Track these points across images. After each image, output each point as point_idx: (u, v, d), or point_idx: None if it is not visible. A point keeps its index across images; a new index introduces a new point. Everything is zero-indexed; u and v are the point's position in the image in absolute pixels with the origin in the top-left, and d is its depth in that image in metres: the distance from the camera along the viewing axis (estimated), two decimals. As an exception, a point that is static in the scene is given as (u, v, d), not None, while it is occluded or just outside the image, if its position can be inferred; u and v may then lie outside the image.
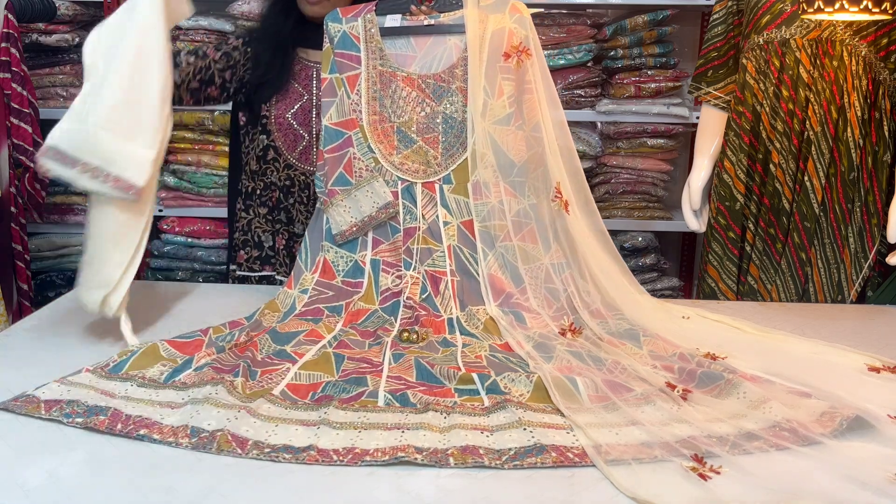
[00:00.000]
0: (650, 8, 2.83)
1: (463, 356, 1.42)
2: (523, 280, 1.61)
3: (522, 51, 1.65)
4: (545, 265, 1.63)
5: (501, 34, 1.66)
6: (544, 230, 1.64)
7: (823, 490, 1.02)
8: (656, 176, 2.98)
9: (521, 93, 1.66)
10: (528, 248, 1.63)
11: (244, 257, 1.96)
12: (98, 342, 1.47)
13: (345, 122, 1.68)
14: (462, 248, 1.64)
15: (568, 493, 1.02)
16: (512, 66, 1.65)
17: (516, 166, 1.65)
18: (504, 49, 1.65)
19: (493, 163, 1.64)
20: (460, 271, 1.64)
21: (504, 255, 1.62)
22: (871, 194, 1.87)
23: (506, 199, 1.64)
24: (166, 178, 2.95)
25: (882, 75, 1.83)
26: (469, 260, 1.64)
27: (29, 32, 2.76)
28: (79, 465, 1.05)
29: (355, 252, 1.67)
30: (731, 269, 2.00)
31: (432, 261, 1.64)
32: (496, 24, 1.66)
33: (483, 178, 1.63)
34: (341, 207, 1.66)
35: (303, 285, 1.65)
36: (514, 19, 1.66)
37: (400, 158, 1.68)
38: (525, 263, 1.62)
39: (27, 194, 2.65)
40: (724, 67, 2.04)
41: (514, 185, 1.65)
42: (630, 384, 1.29)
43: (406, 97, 1.68)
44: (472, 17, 1.66)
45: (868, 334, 1.60)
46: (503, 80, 1.65)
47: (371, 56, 1.69)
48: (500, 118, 1.64)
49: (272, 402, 1.22)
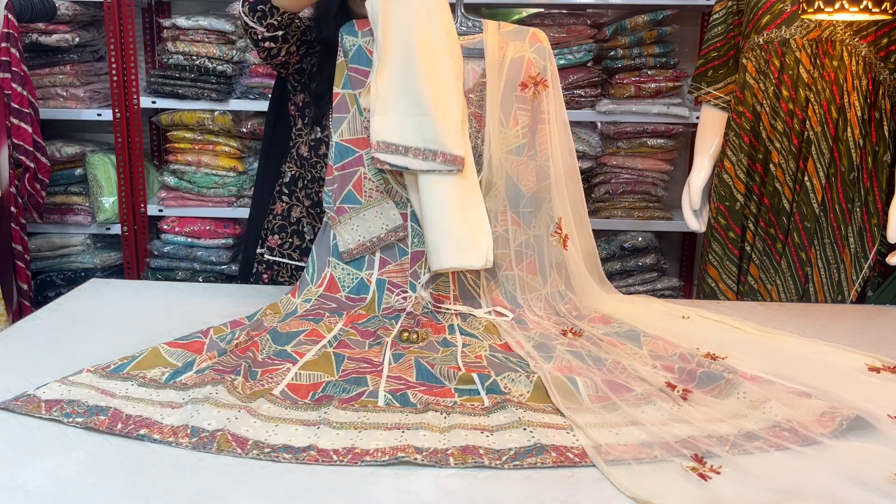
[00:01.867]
0: (650, 8, 2.83)
1: (463, 356, 1.42)
2: (522, 307, 1.64)
3: (540, 82, 1.66)
4: (544, 294, 1.65)
5: (520, 63, 1.65)
6: (544, 262, 1.67)
7: (823, 490, 1.02)
8: (656, 176, 2.98)
9: (535, 122, 1.67)
10: (528, 278, 1.65)
11: (277, 242, 1.93)
12: (98, 342, 1.47)
13: (356, 140, 1.67)
14: (466, 275, 1.65)
15: (568, 493, 1.02)
16: (528, 97, 1.65)
17: (525, 197, 1.66)
18: (521, 79, 1.65)
19: (503, 192, 1.65)
20: (463, 296, 1.65)
21: (504, 284, 1.64)
22: (871, 194, 1.87)
23: (511, 229, 1.65)
24: (166, 177, 2.95)
25: (882, 75, 1.83)
26: (472, 286, 1.66)
27: (29, 32, 2.76)
28: (79, 465, 1.05)
29: (362, 270, 1.67)
30: (731, 269, 2.00)
31: (436, 286, 1.64)
32: (515, 52, 1.65)
33: (491, 206, 1.64)
34: (350, 226, 1.66)
35: (306, 296, 1.66)
36: (533, 49, 1.66)
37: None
38: (524, 293, 1.64)
39: (27, 194, 2.65)
40: (724, 67, 2.04)
41: (520, 216, 1.66)
42: (630, 384, 1.30)
43: None
44: (492, 42, 1.64)
45: (868, 334, 1.60)
46: (519, 109, 1.65)
47: None
48: (513, 148, 1.65)
49: (272, 401, 1.22)
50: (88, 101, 2.90)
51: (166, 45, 2.84)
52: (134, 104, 2.88)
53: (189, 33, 2.81)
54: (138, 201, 2.96)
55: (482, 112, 1.65)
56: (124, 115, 2.88)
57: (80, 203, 2.97)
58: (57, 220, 2.98)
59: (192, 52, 2.80)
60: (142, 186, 2.96)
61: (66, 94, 2.89)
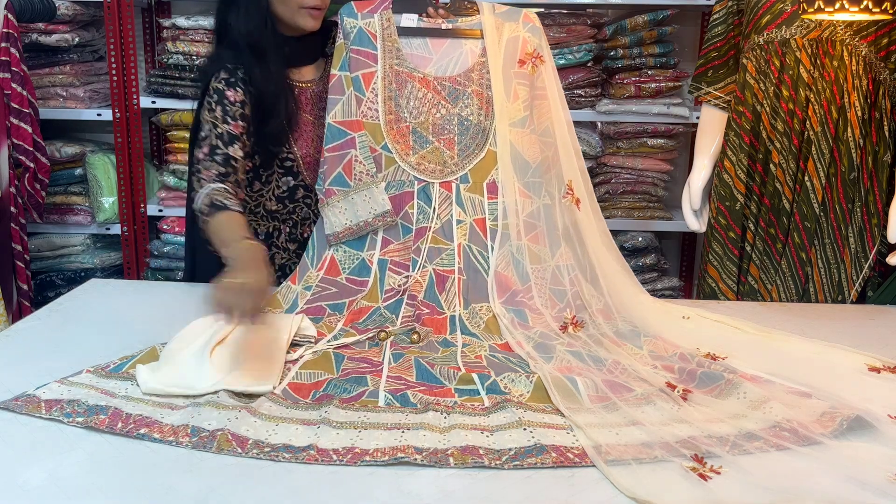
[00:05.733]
0: (650, 8, 2.82)
1: (463, 356, 1.42)
2: (529, 278, 1.62)
3: (537, 57, 1.72)
4: (551, 266, 1.65)
5: (516, 42, 1.72)
6: (554, 232, 1.67)
7: (824, 490, 1.02)
8: (656, 176, 2.97)
9: (532, 98, 1.71)
10: (537, 248, 1.66)
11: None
12: (98, 342, 1.47)
13: (349, 122, 1.68)
14: (472, 245, 1.66)
15: (568, 493, 1.02)
16: (527, 72, 1.71)
17: (531, 167, 1.69)
18: (519, 56, 1.71)
19: (510, 163, 1.67)
20: (468, 269, 1.64)
21: (513, 254, 1.64)
22: (871, 194, 1.87)
23: (519, 200, 1.66)
24: (166, 178, 2.95)
25: (882, 75, 1.83)
26: (478, 257, 1.65)
27: (29, 32, 2.76)
28: (79, 465, 1.05)
29: (363, 251, 1.67)
30: (731, 269, 2.00)
31: (440, 259, 1.64)
32: (510, 31, 1.72)
33: (500, 177, 1.67)
34: (337, 209, 1.66)
35: (307, 282, 1.65)
36: (527, 28, 1.73)
37: (416, 159, 1.69)
38: (533, 263, 1.64)
39: (27, 194, 2.64)
40: (725, 67, 2.04)
41: (528, 186, 1.68)
42: (630, 384, 1.30)
43: (422, 98, 1.70)
44: (490, 23, 1.71)
45: (868, 334, 1.60)
46: (518, 84, 1.70)
47: (388, 55, 1.70)
48: (516, 121, 1.69)
49: (273, 401, 1.22)
50: (88, 101, 2.90)
51: (166, 45, 2.84)
52: (134, 104, 2.87)
53: (189, 33, 2.81)
54: (138, 201, 2.96)
55: (483, 90, 1.70)
56: (124, 115, 2.87)
57: (80, 203, 2.97)
58: (57, 220, 2.98)
59: (191, 52, 2.79)
60: (142, 186, 2.95)
61: (66, 93, 2.88)
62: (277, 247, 1.79)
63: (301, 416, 1.18)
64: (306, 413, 1.20)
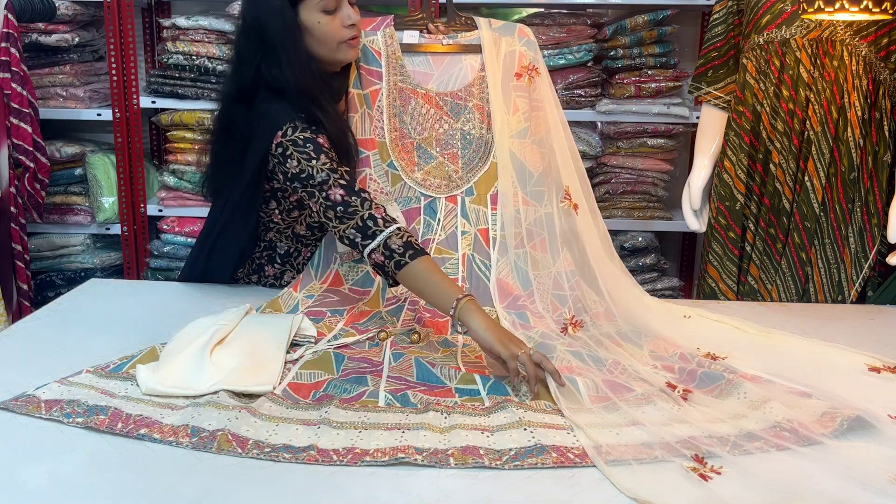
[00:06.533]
0: (650, 8, 2.82)
1: (463, 356, 1.42)
2: (532, 284, 1.64)
3: (532, 69, 1.77)
4: (553, 273, 1.66)
5: (513, 56, 1.76)
6: (555, 239, 1.69)
7: (824, 490, 1.02)
8: (656, 176, 2.97)
9: (531, 109, 1.75)
10: (539, 256, 1.67)
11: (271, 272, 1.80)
12: (98, 342, 1.47)
13: (364, 140, 1.70)
14: (476, 255, 1.68)
15: (568, 493, 1.02)
16: (524, 84, 1.75)
17: (534, 176, 1.72)
18: (516, 69, 1.76)
19: (511, 175, 1.71)
20: (471, 278, 1.66)
21: (516, 262, 1.66)
22: (871, 194, 1.87)
23: (522, 209, 1.69)
24: (166, 177, 2.95)
25: (882, 75, 1.83)
26: (480, 267, 1.67)
27: (29, 32, 2.75)
28: (79, 465, 1.05)
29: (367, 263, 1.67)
30: (731, 269, 2.00)
31: (444, 269, 1.64)
32: (507, 46, 1.77)
33: (503, 188, 1.70)
34: None
35: (309, 291, 1.66)
36: (522, 42, 1.78)
37: (422, 175, 1.72)
38: (535, 270, 1.66)
39: (27, 194, 2.64)
40: (725, 67, 2.04)
41: (531, 195, 1.71)
42: (630, 384, 1.30)
43: (425, 114, 1.73)
44: (488, 39, 1.76)
45: (868, 334, 1.60)
46: (517, 97, 1.75)
47: (392, 72, 1.74)
48: (516, 132, 1.73)
49: (273, 401, 1.22)
50: (88, 101, 2.90)
51: (166, 45, 2.84)
52: (134, 104, 2.87)
53: (189, 33, 2.81)
54: (138, 201, 2.96)
55: (483, 104, 1.74)
56: (124, 114, 2.87)
57: (80, 203, 2.97)
58: (57, 220, 2.97)
59: (191, 51, 2.79)
60: (141, 186, 2.95)
61: (66, 93, 2.88)
62: (292, 266, 1.78)
63: (301, 417, 1.18)
64: (306, 413, 1.20)
